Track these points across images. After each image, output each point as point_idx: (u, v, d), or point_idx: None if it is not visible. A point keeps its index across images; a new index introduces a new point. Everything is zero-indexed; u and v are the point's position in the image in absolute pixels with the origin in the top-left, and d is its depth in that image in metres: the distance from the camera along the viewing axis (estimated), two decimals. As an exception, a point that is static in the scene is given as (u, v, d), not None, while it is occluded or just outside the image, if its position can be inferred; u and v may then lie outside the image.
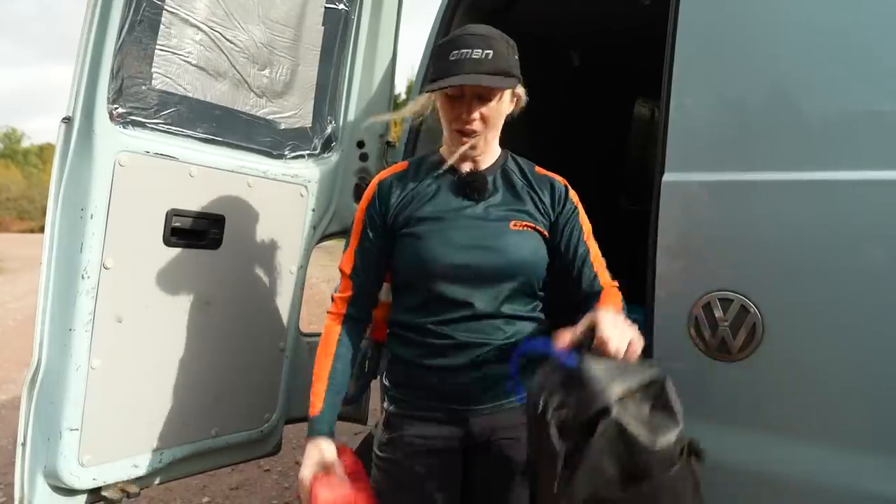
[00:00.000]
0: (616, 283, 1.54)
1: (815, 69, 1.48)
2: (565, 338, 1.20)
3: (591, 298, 1.46)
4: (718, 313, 1.51)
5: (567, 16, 2.70)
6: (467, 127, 1.41)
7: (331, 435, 1.46)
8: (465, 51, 1.36)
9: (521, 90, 1.48)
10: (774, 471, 1.45)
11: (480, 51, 1.36)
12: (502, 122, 1.48)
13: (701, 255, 1.56)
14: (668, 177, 1.60)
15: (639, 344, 1.19)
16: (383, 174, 1.56)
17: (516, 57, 1.43)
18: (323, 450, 1.42)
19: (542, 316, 1.52)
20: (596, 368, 1.09)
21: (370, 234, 1.51)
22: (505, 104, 1.45)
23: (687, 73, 1.62)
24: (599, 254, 1.55)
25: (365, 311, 1.57)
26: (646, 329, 1.63)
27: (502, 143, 1.55)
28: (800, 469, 1.43)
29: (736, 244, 1.51)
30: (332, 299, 1.55)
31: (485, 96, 1.40)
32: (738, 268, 1.51)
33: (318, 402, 1.46)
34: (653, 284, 1.60)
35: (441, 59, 1.40)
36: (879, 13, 1.43)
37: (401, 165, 1.57)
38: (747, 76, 1.56)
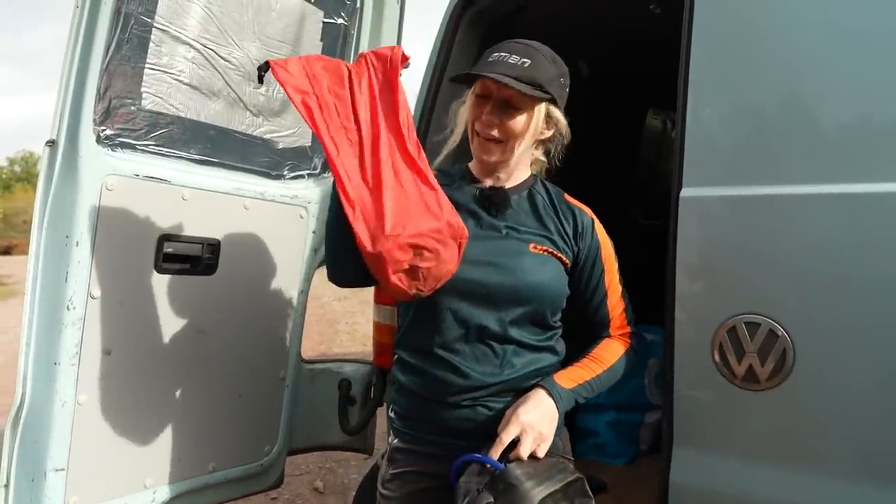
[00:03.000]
0: (629, 330, 1.48)
1: (841, 77, 1.38)
2: (498, 445, 1.25)
3: (590, 347, 1.45)
4: (745, 338, 1.40)
5: (575, 25, 2.62)
6: (486, 130, 1.35)
7: None
8: (504, 54, 1.34)
9: (558, 114, 1.40)
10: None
11: (518, 58, 1.33)
12: (530, 142, 1.39)
13: (724, 275, 1.45)
14: (686, 192, 1.50)
15: (545, 445, 1.27)
16: None
17: (561, 80, 1.38)
18: None
19: (557, 346, 1.44)
20: (521, 472, 1.18)
21: None
22: (535, 124, 1.37)
23: (703, 84, 1.53)
24: (621, 295, 1.47)
25: None
26: (665, 354, 1.53)
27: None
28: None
29: (762, 264, 1.41)
30: None
31: (511, 105, 1.34)
32: (766, 289, 1.40)
33: None
34: (672, 307, 1.50)
35: (481, 59, 1.37)
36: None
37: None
38: (767, 86, 1.46)
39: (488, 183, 1.44)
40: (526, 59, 1.32)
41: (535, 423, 1.27)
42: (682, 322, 1.49)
